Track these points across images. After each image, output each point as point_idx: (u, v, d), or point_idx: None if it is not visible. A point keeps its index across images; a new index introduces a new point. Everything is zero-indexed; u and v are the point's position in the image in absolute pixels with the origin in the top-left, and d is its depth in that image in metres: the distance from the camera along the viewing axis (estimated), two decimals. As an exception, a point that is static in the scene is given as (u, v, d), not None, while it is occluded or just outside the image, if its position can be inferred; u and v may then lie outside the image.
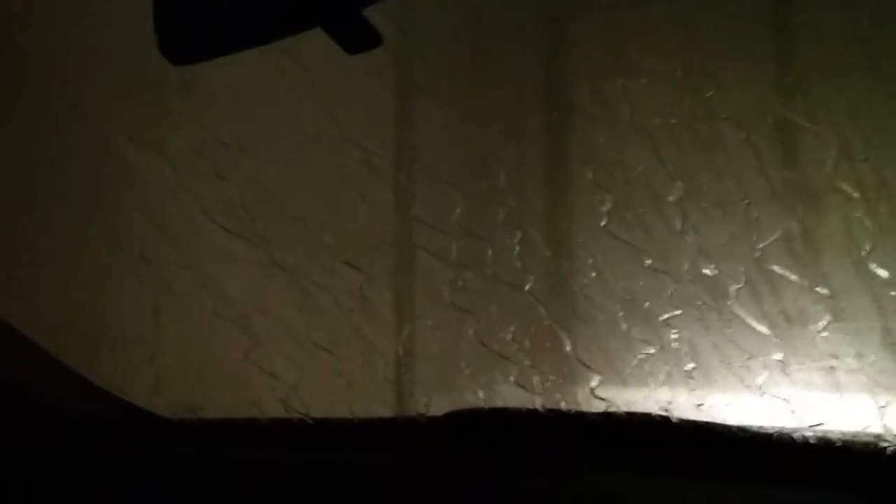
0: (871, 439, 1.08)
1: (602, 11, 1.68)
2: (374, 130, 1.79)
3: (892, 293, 1.26)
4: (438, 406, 1.43)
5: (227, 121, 1.83)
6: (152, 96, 1.88)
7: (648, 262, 1.45)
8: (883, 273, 1.27)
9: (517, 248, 1.58)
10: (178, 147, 1.86)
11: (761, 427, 1.11)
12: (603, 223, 1.51)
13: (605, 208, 1.51)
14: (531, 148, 1.71)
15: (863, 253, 1.29)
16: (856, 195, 1.33)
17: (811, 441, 1.08)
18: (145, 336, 1.83)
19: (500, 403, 1.43)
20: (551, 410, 1.32)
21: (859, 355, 1.24)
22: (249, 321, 1.73)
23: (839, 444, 1.04)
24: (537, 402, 1.40)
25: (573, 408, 1.36)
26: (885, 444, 1.06)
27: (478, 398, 1.43)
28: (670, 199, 1.47)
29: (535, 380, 1.46)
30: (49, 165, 1.93)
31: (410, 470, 1.26)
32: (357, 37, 0.85)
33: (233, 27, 0.87)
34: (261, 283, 1.75)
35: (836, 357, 1.25)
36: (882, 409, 1.12)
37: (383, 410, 1.54)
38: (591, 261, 1.51)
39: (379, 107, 1.81)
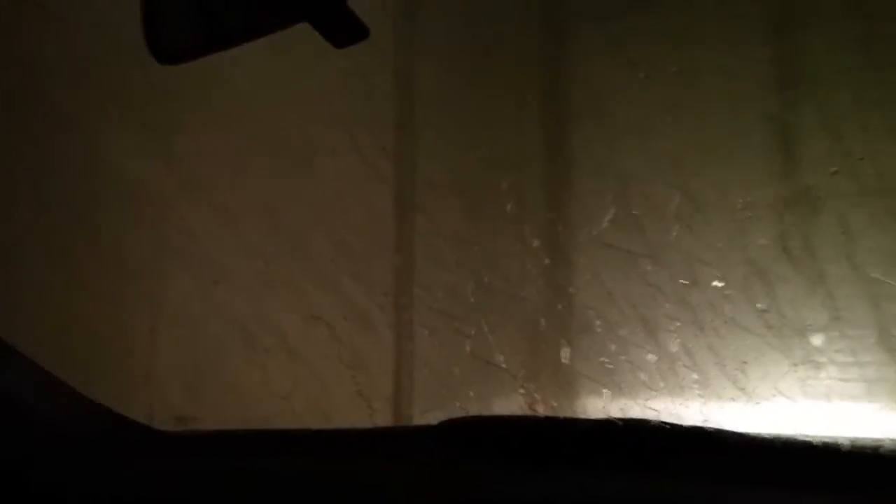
0: (871, 443, 1.05)
1: (601, 18, 1.67)
2: (376, 139, 1.79)
3: (889, 295, 1.24)
4: (434, 416, 1.42)
5: (229, 132, 1.83)
6: (152, 108, 1.89)
7: (645, 267, 1.44)
8: (879, 276, 1.25)
9: (515, 256, 1.57)
10: (180, 158, 1.87)
11: (759, 433, 1.09)
12: (600, 229, 1.49)
13: (603, 214, 1.50)
14: (532, 153, 1.70)
15: (859, 256, 1.27)
16: (851, 195, 1.31)
17: (809, 446, 1.06)
18: (142, 351, 1.83)
19: (496, 412, 1.41)
20: (546, 418, 1.30)
21: (857, 361, 1.22)
22: (246, 333, 1.73)
23: (841, 448, 1.02)
24: (533, 410, 1.39)
25: (568, 416, 1.34)
26: (884, 448, 1.04)
27: (473, 407, 1.42)
28: (667, 201, 1.46)
29: (532, 389, 1.44)
30: (48, 179, 1.93)
31: (405, 480, 1.24)
32: (343, 30, 0.85)
33: (219, 23, 0.87)
34: (258, 294, 1.75)
35: (832, 361, 1.23)
36: (877, 413, 1.10)
37: (379, 420, 1.53)
38: (588, 267, 1.50)
39: (381, 115, 1.81)
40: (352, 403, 1.53)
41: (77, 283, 1.85)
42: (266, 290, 1.75)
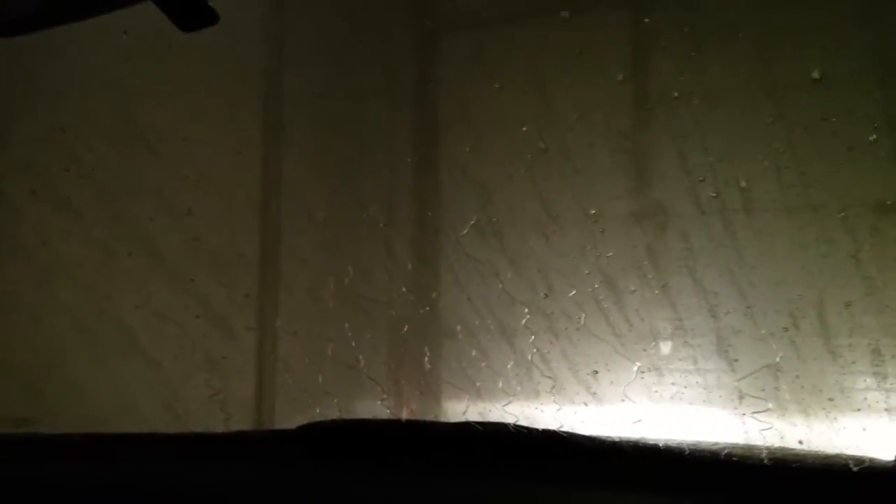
0: (710, 447, 1.14)
1: (465, 28, 1.71)
2: (240, 132, 1.73)
3: (725, 308, 1.34)
4: (295, 421, 1.40)
5: (68, 115, 1.71)
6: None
7: (504, 274, 1.48)
8: (716, 289, 1.35)
9: (380, 261, 1.58)
10: (13, 140, 1.73)
11: (609, 436, 1.15)
12: (462, 235, 1.52)
13: (466, 220, 1.53)
14: (401, 157, 1.71)
15: (699, 270, 1.37)
16: (692, 213, 1.41)
17: (655, 449, 1.13)
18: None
19: (357, 416, 1.41)
20: (407, 422, 1.32)
21: (698, 368, 1.31)
22: (89, 331, 1.62)
23: (684, 452, 1.10)
24: (394, 414, 1.40)
25: (429, 419, 1.36)
26: (722, 451, 1.12)
27: (335, 412, 1.41)
28: (525, 209, 1.51)
29: (394, 393, 1.45)
30: None
31: (262, 484, 1.22)
32: (191, 13, 0.82)
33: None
34: (102, 289, 1.64)
35: (676, 369, 1.32)
36: (716, 418, 1.19)
37: (236, 425, 1.49)
38: (450, 273, 1.53)
39: (246, 109, 1.75)
40: (205, 407, 1.48)
41: None
42: (110, 286, 1.65)
